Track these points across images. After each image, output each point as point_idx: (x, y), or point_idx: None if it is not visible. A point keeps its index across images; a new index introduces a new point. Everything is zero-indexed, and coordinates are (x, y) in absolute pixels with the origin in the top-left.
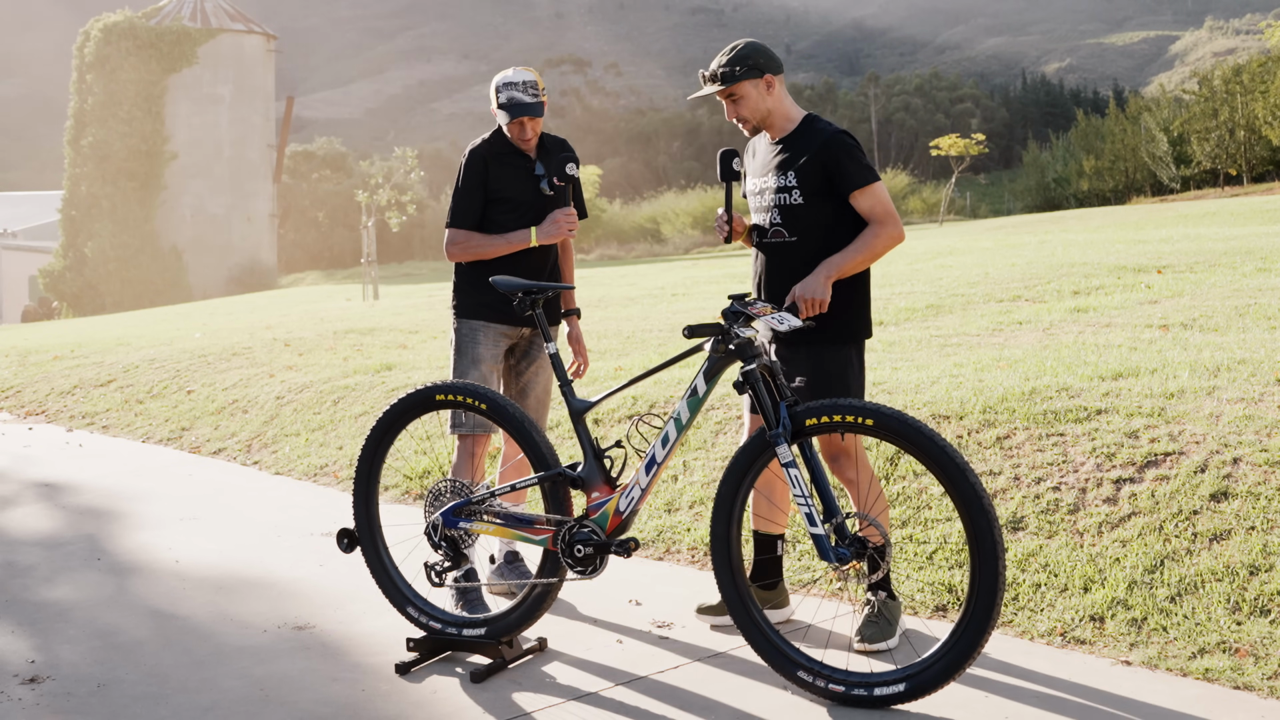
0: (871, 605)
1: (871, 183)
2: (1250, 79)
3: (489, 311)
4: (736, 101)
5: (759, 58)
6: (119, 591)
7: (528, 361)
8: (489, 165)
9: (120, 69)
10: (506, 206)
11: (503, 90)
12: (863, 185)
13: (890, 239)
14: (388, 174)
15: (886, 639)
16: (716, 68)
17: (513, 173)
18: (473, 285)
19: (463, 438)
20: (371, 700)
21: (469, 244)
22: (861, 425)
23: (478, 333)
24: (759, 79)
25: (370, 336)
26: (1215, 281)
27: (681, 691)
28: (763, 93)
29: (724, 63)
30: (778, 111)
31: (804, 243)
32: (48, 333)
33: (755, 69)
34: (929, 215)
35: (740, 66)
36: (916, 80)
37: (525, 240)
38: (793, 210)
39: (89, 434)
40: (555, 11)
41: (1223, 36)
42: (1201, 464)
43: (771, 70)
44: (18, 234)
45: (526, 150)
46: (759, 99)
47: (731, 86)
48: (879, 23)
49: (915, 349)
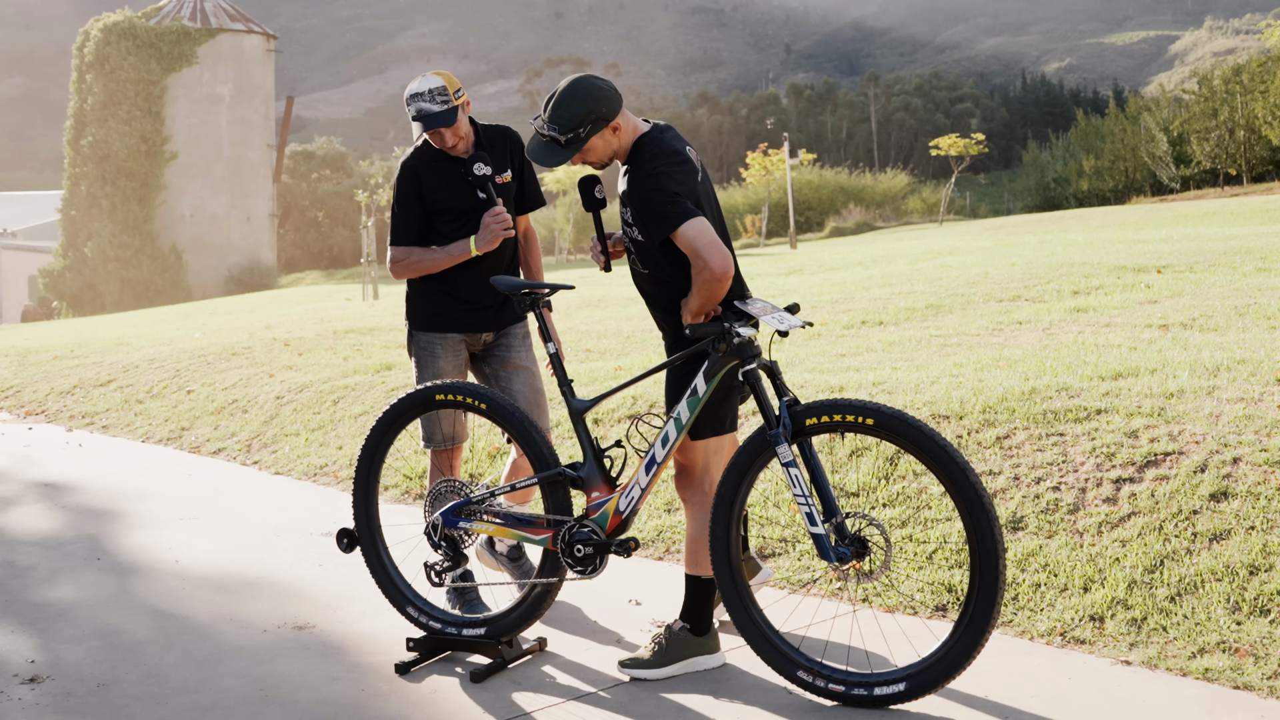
0: (667, 630)
1: (674, 228)
2: (1250, 79)
3: (442, 320)
4: (586, 153)
5: (600, 107)
6: (119, 591)
7: (504, 365)
8: (421, 176)
9: (120, 69)
10: (448, 216)
11: (411, 103)
12: (669, 233)
13: (709, 280)
14: (388, 174)
15: (653, 668)
16: (561, 131)
17: (446, 180)
18: (423, 295)
19: (436, 453)
20: (371, 700)
21: (409, 260)
22: (862, 425)
23: (435, 345)
24: (605, 128)
25: (370, 336)
26: (1215, 281)
27: (681, 691)
28: (609, 139)
29: (567, 124)
30: (622, 149)
31: (654, 274)
32: (47, 333)
33: (601, 120)
34: (929, 215)
35: (586, 127)
36: (916, 80)
37: (465, 252)
38: (638, 244)
39: (89, 434)
40: (555, 11)
41: (1222, 36)
42: (1201, 464)
43: (614, 112)
44: (18, 234)
45: (459, 155)
46: (605, 146)
47: (582, 151)
48: (879, 23)
49: (915, 349)
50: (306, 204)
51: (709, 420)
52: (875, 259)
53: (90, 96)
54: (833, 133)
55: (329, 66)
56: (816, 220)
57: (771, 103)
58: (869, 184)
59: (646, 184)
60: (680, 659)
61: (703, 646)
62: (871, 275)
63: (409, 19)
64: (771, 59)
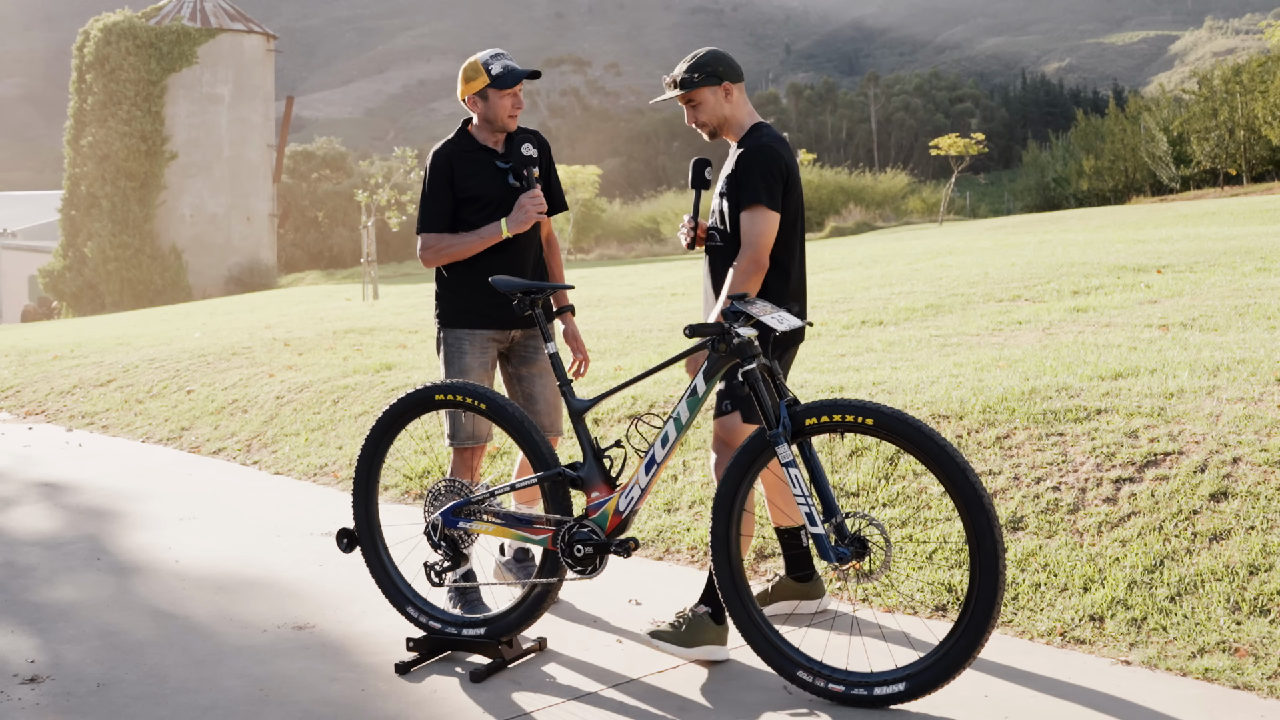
0: (691, 612)
1: (751, 205)
2: (1250, 79)
3: (473, 318)
4: (695, 107)
5: (718, 65)
6: (119, 591)
7: (528, 366)
8: (454, 165)
9: (120, 69)
10: (477, 205)
11: (494, 62)
12: (747, 205)
13: (743, 271)
14: (387, 174)
15: (675, 644)
16: (678, 74)
17: (478, 169)
18: (454, 291)
19: (458, 450)
20: (371, 700)
21: (440, 246)
22: (861, 425)
23: (463, 341)
24: (717, 86)
25: (370, 336)
26: (1215, 281)
27: (681, 691)
28: (720, 99)
29: (685, 69)
30: (733, 119)
31: (729, 247)
32: (47, 332)
33: (714, 76)
34: (928, 215)
35: (699, 73)
36: (916, 80)
37: (497, 233)
38: (725, 216)
39: (89, 434)
40: (555, 11)
41: (1222, 36)
42: (1201, 464)
43: (730, 79)
44: (18, 234)
45: (507, 128)
46: (716, 105)
47: (690, 92)
48: (879, 22)
49: (915, 349)
50: (306, 204)
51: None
52: (875, 259)
53: (90, 96)
54: (833, 132)
55: (329, 66)
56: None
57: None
58: (869, 184)
59: (759, 155)
60: (700, 644)
61: (718, 636)
62: (871, 275)
63: (409, 19)
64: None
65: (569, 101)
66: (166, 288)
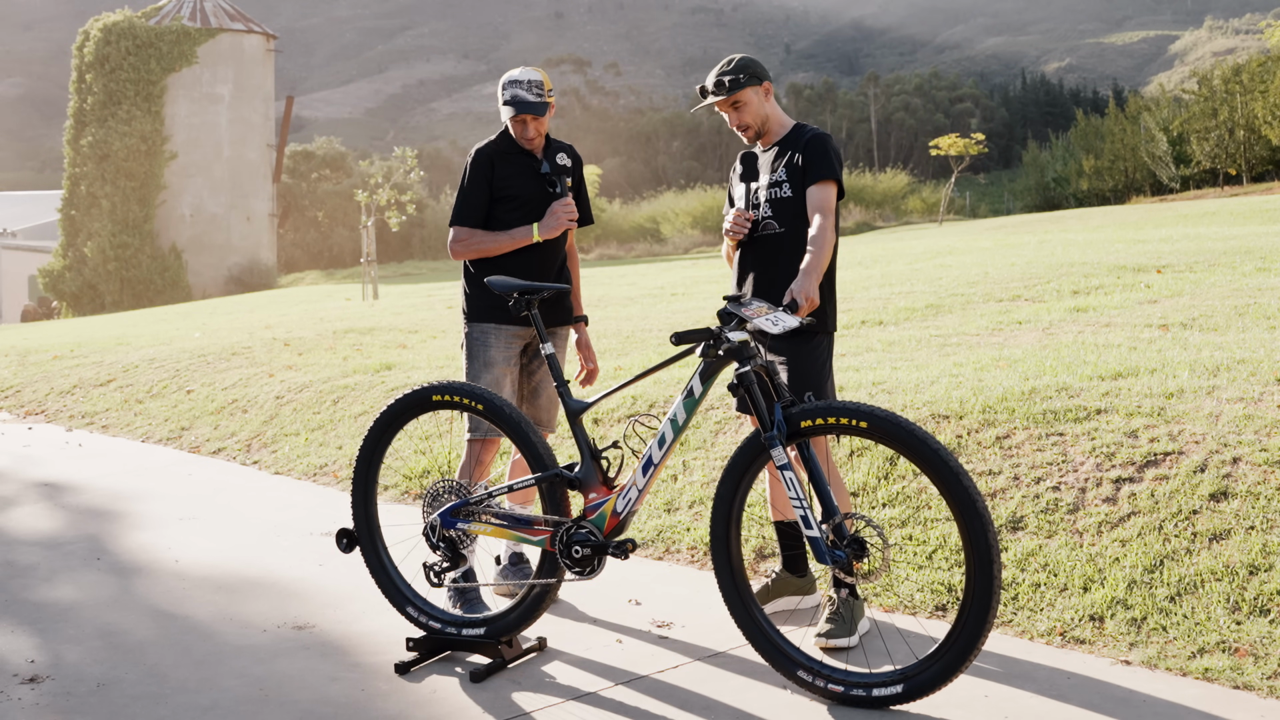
0: (833, 602)
1: (832, 179)
2: (1250, 79)
3: (500, 313)
4: (740, 108)
5: (757, 67)
6: (119, 591)
7: (539, 362)
8: (495, 164)
9: (120, 69)
10: (512, 205)
11: (508, 87)
12: (827, 179)
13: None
14: (387, 174)
15: (846, 637)
16: (719, 77)
17: (519, 171)
18: (482, 287)
19: (471, 442)
20: (371, 700)
21: (471, 241)
22: (856, 427)
23: (489, 335)
24: (759, 85)
25: (370, 336)
26: (1215, 281)
27: (681, 691)
28: (762, 99)
29: (726, 71)
30: (774, 118)
31: (790, 233)
32: (47, 332)
33: (755, 77)
34: (928, 215)
35: (743, 74)
36: (916, 80)
37: (528, 236)
38: (783, 203)
39: (89, 434)
40: (555, 11)
41: (1222, 36)
42: (1201, 464)
43: (767, 79)
44: (17, 234)
45: (532, 150)
46: (760, 105)
47: (736, 94)
48: (879, 22)
49: (915, 348)
50: (306, 204)
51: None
52: (875, 259)
53: (90, 96)
54: (832, 132)
55: (329, 66)
56: None
57: None
58: (869, 184)
59: (829, 140)
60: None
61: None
62: (871, 275)
63: (409, 19)
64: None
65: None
66: (166, 288)
